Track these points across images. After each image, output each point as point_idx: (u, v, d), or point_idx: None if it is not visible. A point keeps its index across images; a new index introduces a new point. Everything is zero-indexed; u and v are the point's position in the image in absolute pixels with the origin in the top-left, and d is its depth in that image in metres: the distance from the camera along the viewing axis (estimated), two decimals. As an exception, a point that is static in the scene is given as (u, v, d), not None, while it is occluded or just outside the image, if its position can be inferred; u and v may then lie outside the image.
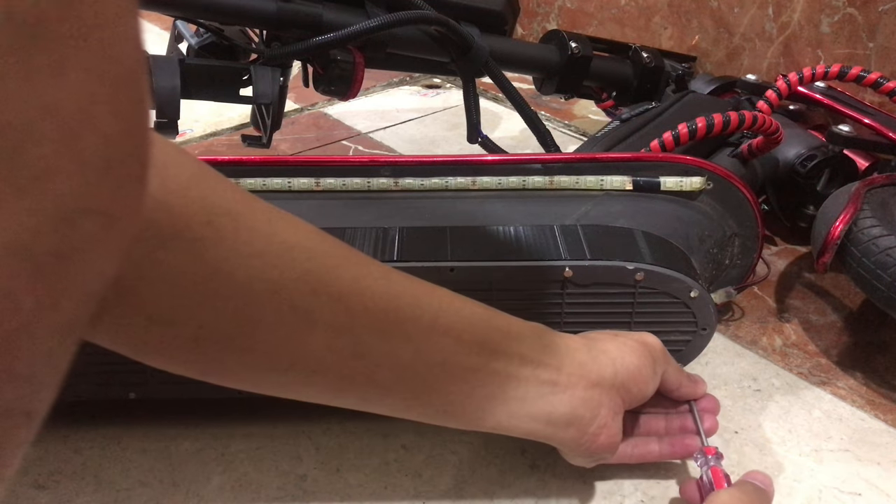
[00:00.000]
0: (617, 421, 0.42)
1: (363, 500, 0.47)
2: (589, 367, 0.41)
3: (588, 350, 0.42)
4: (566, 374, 0.41)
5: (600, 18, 1.11)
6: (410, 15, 0.61)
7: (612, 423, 0.42)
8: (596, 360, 0.42)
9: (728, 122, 0.59)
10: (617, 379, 0.42)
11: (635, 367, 0.43)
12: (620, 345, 0.44)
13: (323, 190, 0.54)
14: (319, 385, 0.37)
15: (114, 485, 0.48)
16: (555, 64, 0.79)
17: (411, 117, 1.03)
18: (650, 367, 0.43)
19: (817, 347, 0.61)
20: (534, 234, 0.50)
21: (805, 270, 0.71)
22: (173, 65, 0.54)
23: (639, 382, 0.43)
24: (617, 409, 0.42)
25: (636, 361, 0.43)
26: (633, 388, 0.43)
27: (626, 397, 0.42)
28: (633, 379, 0.42)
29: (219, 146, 0.95)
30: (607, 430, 0.42)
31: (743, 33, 0.94)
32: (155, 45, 0.58)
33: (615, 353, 0.43)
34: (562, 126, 1.01)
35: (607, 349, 0.43)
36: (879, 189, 0.59)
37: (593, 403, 0.41)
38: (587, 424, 0.41)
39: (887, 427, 0.53)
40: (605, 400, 0.41)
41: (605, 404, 0.41)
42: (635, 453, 0.46)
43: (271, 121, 0.60)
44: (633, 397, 0.43)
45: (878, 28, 0.81)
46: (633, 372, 0.42)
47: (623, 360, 0.43)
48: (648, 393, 0.44)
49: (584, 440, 0.41)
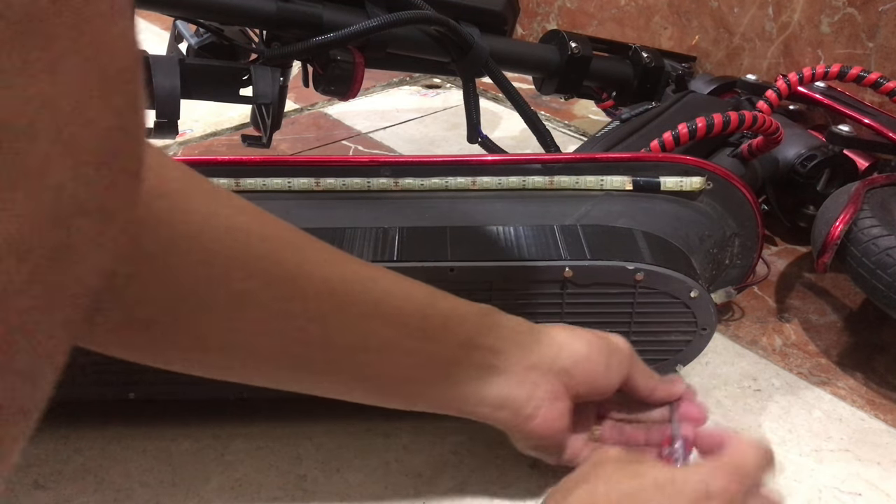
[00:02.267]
0: (555, 406, 0.41)
1: (363, 500, 0.47)
2: (529, 350, 0.41)
3: (532, 334, 0.42)
4: (504, 356, 0.40)
5: (600, 18, 1.10)
6: (410, 15, 0.61)
7: (548, 406, 0.41)
8: (538, 343, 0.42)
9: (728, 122, 0.59)
10: (556, 363, 0.41)
11: (582, 354, 0.42)
12: (572, 333, 0.43)
13: (323, 190, 0.54)
14: (255, 368, 0.37)
15: (114, 485, 0.48)
16: (555, 64, 0.79)
17: (411, 117, 1.02)
18: (602, 359, 0.43)
19: (817, 347, 0.61)
20: (534, 234, 0.50)
21: (805, 270, 0.71)
22: (173, 65, 0.54)
23: (586, 371, 0.42)
24: (557, 394, 0.41)
25: (584, 350, 0.42)
26: (578, 376, 0.42)
27: (569, 384, 0.42)
28: (578, 366, 0.42)
29: (219, 146, 0.95)
30: (543, 413, 0.41)
31: (743, 33, 0.94)
32: (155, 45, 0.58)
33: (562, 339, 0.42)
34: (562, 126, 1.01)
35: (554, 335, 0.43)
36: (879, 189, 0.59)
37: (528, 385, 0.41)
38: (521, 406, 0.41)
39: (887, 427, 0.53)
40: (541, 382, 0.41)
41: (541, 386, 0.41)
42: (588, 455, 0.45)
43: (271, 121, 0.60)
44: (579, 384, 0.42)
45: (878, 28, 0.81)
46: (579, 359, 0.42)
47: (570, 346, 0.42)
48: (601, 385, 0.43)
49: (518, 422, 0.41)
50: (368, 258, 0.47)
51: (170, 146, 0.94)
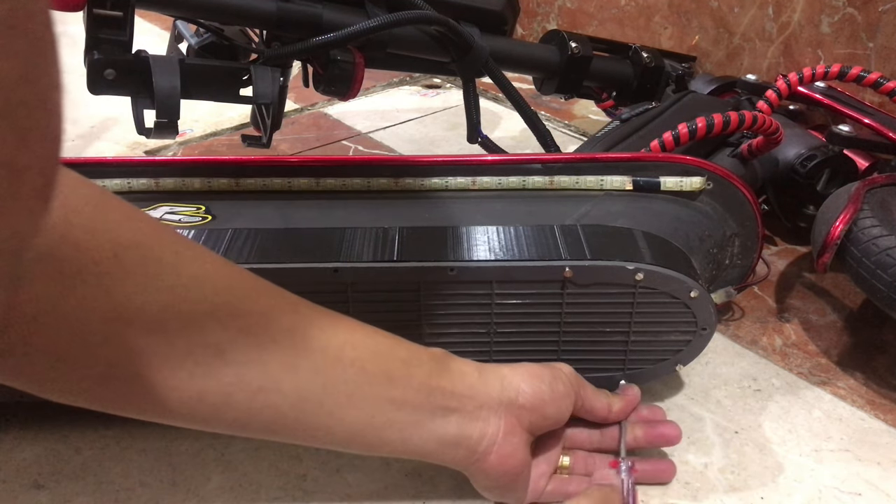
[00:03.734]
0: (510, 442, 0.42)
1: (363, 500, 0.47)
2: (477, 389, 0.42)
3: (479, 373, 0.43)
4: (457, 396, 0.41)
5: (600, 18, 1.10)
6: (410, 15, 0.61)
7: (503, 442, 0.42)
8: (485, 382, 0.42)
9: (728, 122, 0.59)
10: (504, 396, 0.42)
11: (527, 385, 0.43)
12: (515, 368, 0.44)
13: (323, 190, 0.54)
14: (226, 418, 0.37)
15: (114, 485, 0.48)
16: (555, 64, 0.79)
17: (411, 117, 1.02)
18: (545, 386, 0.43)
19: (817, 347, 0.61)
20: (534, 234, 0.50)
21: (805, 270, 0.71)
22: (173, 65, 0.54)
23: (531, 400, 0.43)
24: (510, 428, 0.42)
25: (528, 380, 0.43)
26: (525, 405, 0.42)
27: (520, 416, 0.42)
28: (523, 396, 0.42)
29: (219, 146, 0.95)
30: (498, 450, 0.41)
31: (743, 33, 0.94)
32: (155, 45, 0.58)
33: (506, 373, 0.43)
34: (562, 126, 1.01)
35: (500, 371, 0.43)
36: (879, 189, 0.59)
37: (480, 423, 0.41)
38: (476, 443, 0.41)
39: (887, 427, 0.53)
40: (492, 419, 0.42)
41: (492, 423, 0.42)
42: (552, 489, 0.45)
43: (271, 121, 0.60)
44: (528, 415, 0.43)
45: (878, 28, 0.81)
46: (526, 390, 0.43)
47: (511, 378, 0.43)
48: (550, 412, 0.43)
49: (474, 458, 0.41)
50: (368, 258, 0.47)
51: (170, 146, 0.94)
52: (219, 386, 0.35)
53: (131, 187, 0.54)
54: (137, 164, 0.55)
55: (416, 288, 0.48)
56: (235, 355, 0.35)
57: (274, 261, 0.47)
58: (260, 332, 0.36)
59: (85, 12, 0.52)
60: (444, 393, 0.41)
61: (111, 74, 0.53)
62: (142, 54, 0.54)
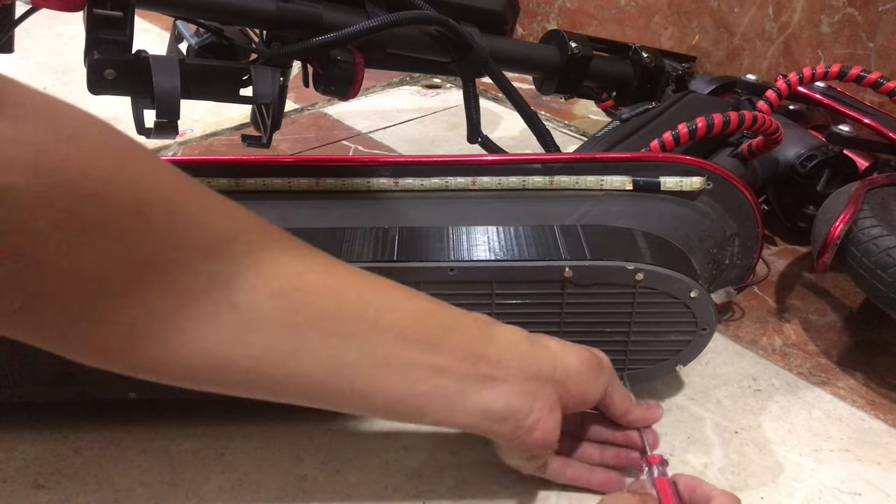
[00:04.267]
0: (553, 417, 0.41)
1: (363, 500, 0.47)
2: (528, 360, 0.41)
3: (529, 343, 0.42)
4: (504, 367, 0.40)
5: (600, 18, 1.10)
6: (410, 15, 0.61)
7: (547, 417, 0.41)
8: (535, 354, 0.41)
9: (728, 122, 0.59)
10: (556, 374, 0.41)
11: (575, 366, 0.42)
12: (564, 345, 0.43)
13: (323, 190, 0.54)
14: (257, 384, 0.36)
15: (114, 485, 0.48)
16: (555, 64, 0.79)
17: (411, 117, 1.02)
18: (593, 371, 0.43)
19: (817, 347, 0.61)
20: (534, 234, 0.50)
21: (805, 270, 0.71)
22: (173, 65, 0.54)
23: (578, 382, 0.42)
24: (553, 404, 0.41)
25: (576, 361, 0.42)
26: (572, 387, 0.42)
27: (563, 394, 0.42)
28: (572, 377, 0.42)
29: (219, 146, 0.95)
30: (543, 424, 0.41)
31: (743, 33, 0.94)
32: (155, 45, 0.58)
33: (556, 349, 0.42)
34: (562, 126, 1.01)
35: (549, 345, 0.43)
36: (879, 189, 0.59)
37: (529, 396, 0.40)
38: (523, 418, 0.40)
39: (887, 427, 0.53)
40: (540, 393, 0.41)
41: (540, 397, 0.41)
42: (568, 474, 0.46)
43: (271, 121, 0.60)
44: (571, 396, 0.42)
45: (878, 28, 0.81)
46: (573, 370, 0.42)
47: (564, 356, 0.42)
48: (589, 397, 0.43)
49: (520, 433, 0.41)
50: (368, 258, 0.47)
51: (170, 146, 0.94)
52: (248, 349, 0.34)
53: (131, 187, 0.54)
54: (137, 164, 0.55)
55: (415, 288, 0.47)
56: (265, 318, 0.34)
57: (274, 261, 0.47)
58: (291, 295, 0.35)
59: (85, 12, 0.52)
60: (491, 362, 0.40)
61: (111, 74, 0.53)
62: (142, 54, 0.54)
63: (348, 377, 0.37)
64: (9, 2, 0.53)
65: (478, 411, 0.40)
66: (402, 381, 0.38)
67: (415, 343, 0.38)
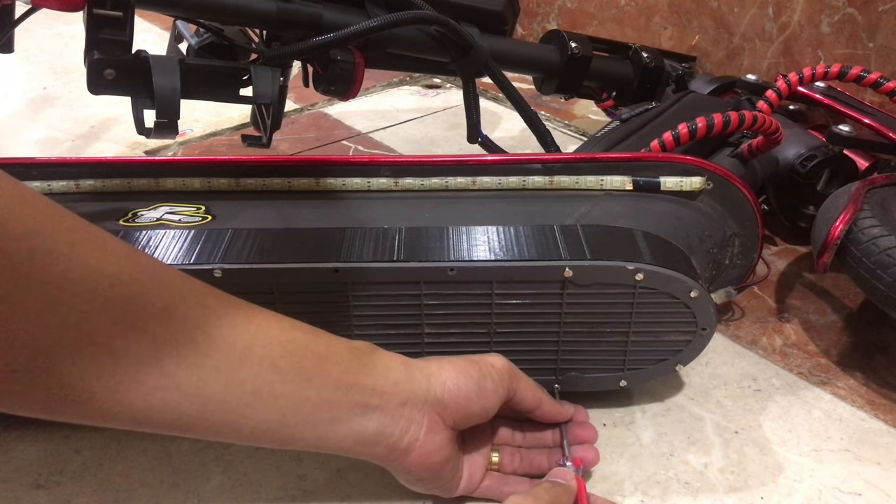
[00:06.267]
0: (432, 438, 0.41)
1: (363, 500, 0.47)
2: (402, 386, 0.41)
3: (405, 368, 0.42)
4: (378, 393, 0.40)
5: (600, 18, 1.11)
6: (410, 15, 0.61)
7: (424, 439, 0.41)
8: (410, 378, 0.42)
9: (728, 122, 0.59)
10: (429, 395, 0.42)
11: (452, 382, 0.42)
12: (443, 363, 0.43)
13: (323, 190, 0.54)
14: (120, 417, 0.35)
15: (114, 485, 0.48)
16: (555, 64, 0.79)
17: (411, 117, 1.03)
18: (472, 384, 0.43)
19: (817, 347, 0.61)
20: (534, 234, 0.50)
21: (805, 270, 0.71)
22: (173, 65, 0.54)
23: (457, 398, 0.42)
24: (432, 425, 0.41)
25: (454, 377, 0.43)
26: (451, 404, 0.42)
27: (444, 414, 0.42)
28: (449, 394, 0.42)
29: (219, 146, 0.95)
30: (420, 446, 0.41)
31: (743, 33, 0.94)
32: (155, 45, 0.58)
33: (433, 370, 0.43)
34: (562, 126, 1.01)
35: (426, 367, 0.43)
36: (879, 189, 0.59)
37: (403, 420, 0.41)
38: (396, 441, 0.41)
39: (887, 427, 0.53)
40: (416, 416, 0.41)
41: (415, 421, 0.41)
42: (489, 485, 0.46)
43: (271, 121, 0.60)
44: (453, 413, 0.42)
45: (878, 28, 0.81)
46: (449, 387, 0.42)
47: (439, 376, 0.42)
48: (475, 410, 0.43)
49: (395, 456, 0.41)
50: (368, 258, 0.47)
51: (170, 146, 0.94)
52: (110, 384, 0.34)
53: (131, 187, 0.54)
54: (137, 164, 0.55)
55: (416, 288, 0.48)
56: (127, 354, 0.34)
57: (274, 261, 0.47)
58: (158, 330, 0.34)
59: (85, 12, 0.52)
60: (365, 390, 0.40)
61: (111, 74, 0.53)
62: (142, 54, 0.54)
63: (215, 409, 0.37)
64: (8, 2, 0.53)
65: (350, 437, 0.40)
66: (273, 412, 0.38)
67: (287, 374, 0.38)
